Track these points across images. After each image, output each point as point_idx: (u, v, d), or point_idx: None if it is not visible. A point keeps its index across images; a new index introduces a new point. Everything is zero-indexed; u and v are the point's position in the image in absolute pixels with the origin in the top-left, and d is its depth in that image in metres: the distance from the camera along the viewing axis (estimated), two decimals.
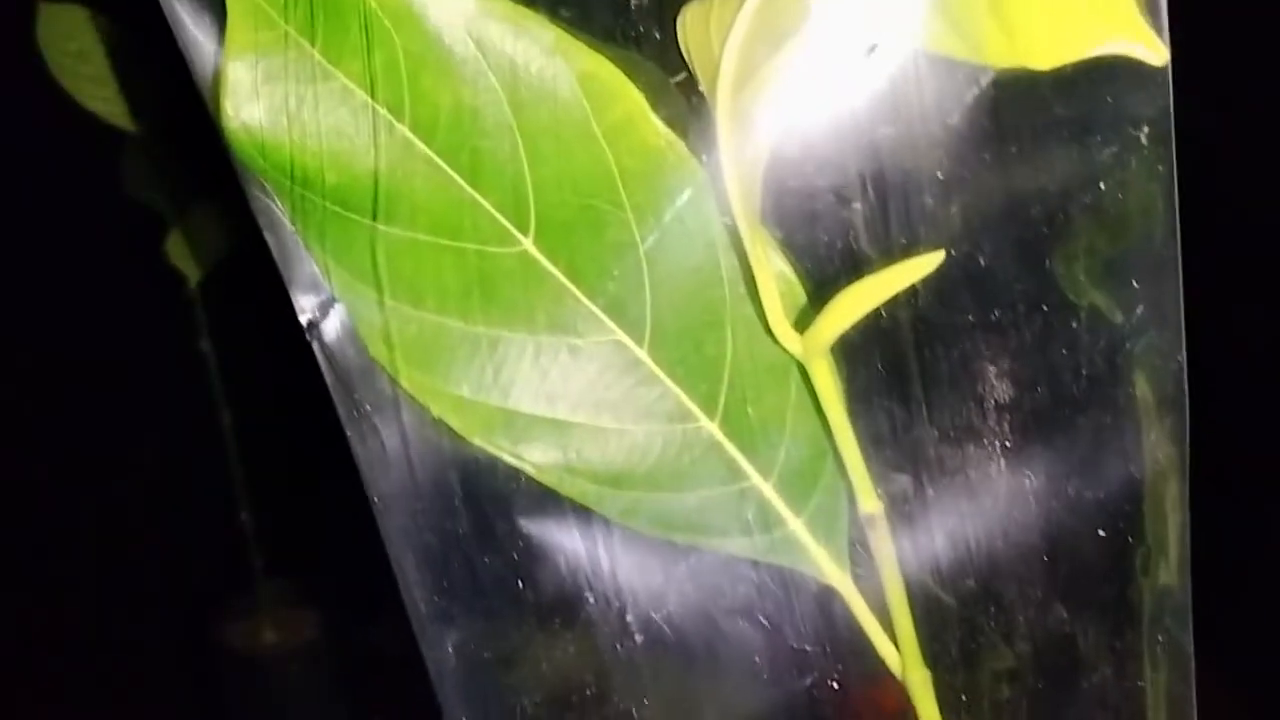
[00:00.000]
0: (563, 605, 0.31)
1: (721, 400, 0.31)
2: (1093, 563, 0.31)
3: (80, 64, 1.10)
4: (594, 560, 0.31)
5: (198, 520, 1.25)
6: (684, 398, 0.31)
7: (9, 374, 1.20)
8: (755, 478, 0.31)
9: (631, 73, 0.29)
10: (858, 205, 0.29)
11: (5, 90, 1.13)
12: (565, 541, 0.31)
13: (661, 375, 0.30)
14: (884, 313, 0.29)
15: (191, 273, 1.16)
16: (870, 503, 0.30)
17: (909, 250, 0.29)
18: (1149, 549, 0.31)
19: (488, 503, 0.31)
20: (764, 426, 0.31)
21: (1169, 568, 0.31)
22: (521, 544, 0.31)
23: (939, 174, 0.28)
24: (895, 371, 0.30)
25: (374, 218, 0.29)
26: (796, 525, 0.31)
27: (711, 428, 0.31)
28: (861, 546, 0.31)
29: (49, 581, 1.25)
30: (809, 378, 0.30)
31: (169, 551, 1.26)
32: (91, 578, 1.26)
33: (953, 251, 0.28)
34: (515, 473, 0.30)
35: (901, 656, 0.32)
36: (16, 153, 1.16)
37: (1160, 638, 0.32)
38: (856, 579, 0.31)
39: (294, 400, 1.31)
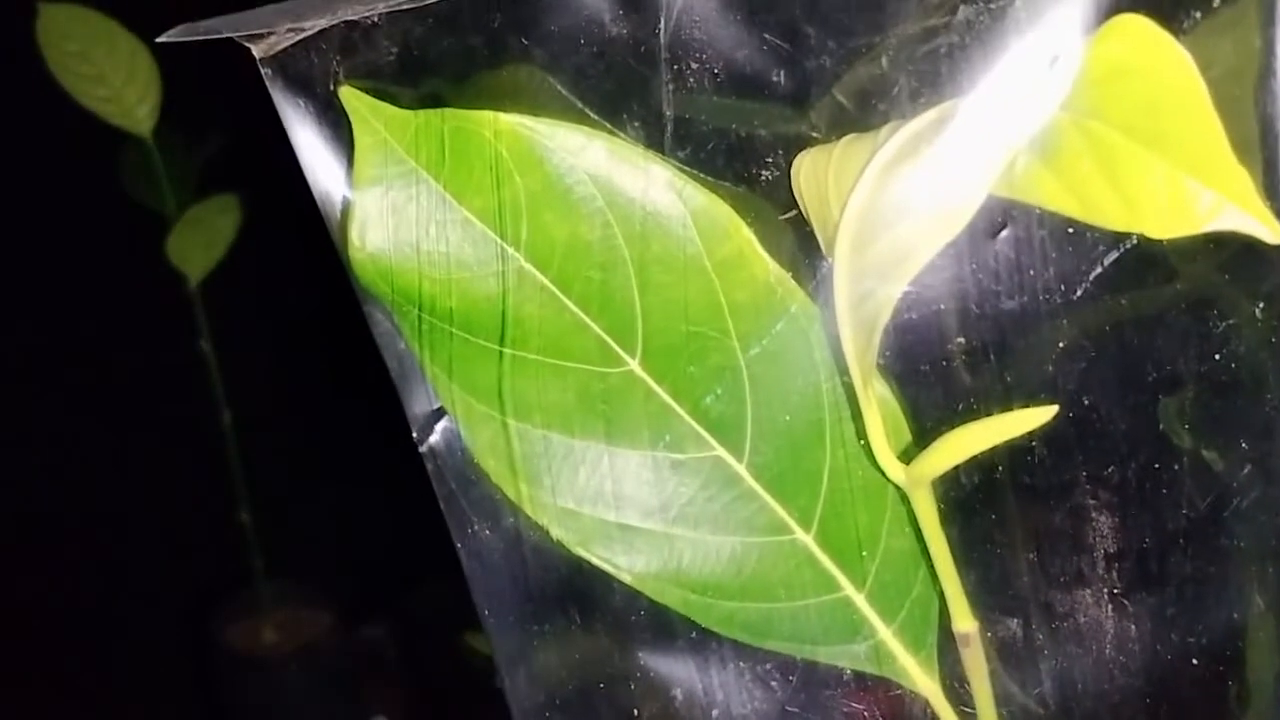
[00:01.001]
0: None
1: (818, 514, 0.31)
2: (1189, 700, 0.32)
3: (80, 64, 1.09)
4: (709, 694, 0.32)
5: (198, 520, 1.25)
6: (781, 511, 0.31)
7: (9, 373, 1.20)
8: (849, 589, 0.32)
9: (743, 209, 0.30)
10: (974, 365, 0.29)
11: (5, 90, 1.12)
12: (681, 672, 0.32)
13: (760, 490, 0.31)
14: (994, 457, 0.30)
15: (191, 273, 1.16)
16: (965, 622, 0.31)
17: (1022, 401, 0.29)
18: (1246, 686, 0.32)
19: (604, 625, 0.32)
20: (858, 541, 0.31)
21: (1264, 705, 0.32)
22: (638, 672, 0.32)
23: (1060, 344, 0.29)
24: (1003, 517, 0.31)
25: (501, 343, 0.30)
26: (887, 635, 0.32)
27: (807, 540, 0.31)
28: (958, 680, 0.32)
29: (49, 581, 1.25)
30: (904, 495, 0.31)
31: (169, 551, 1.27)
32: (92, 578, 1.26)
33: (1069, 410, 0.29)
34: (634, 596, 0.31)
35: None
36: (16, 153, 1.15)
37: None
38: (948, 691, 0.32)
39: (294, 400, 1.32)
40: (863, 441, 0.30)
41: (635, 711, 0.32)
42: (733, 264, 0.30)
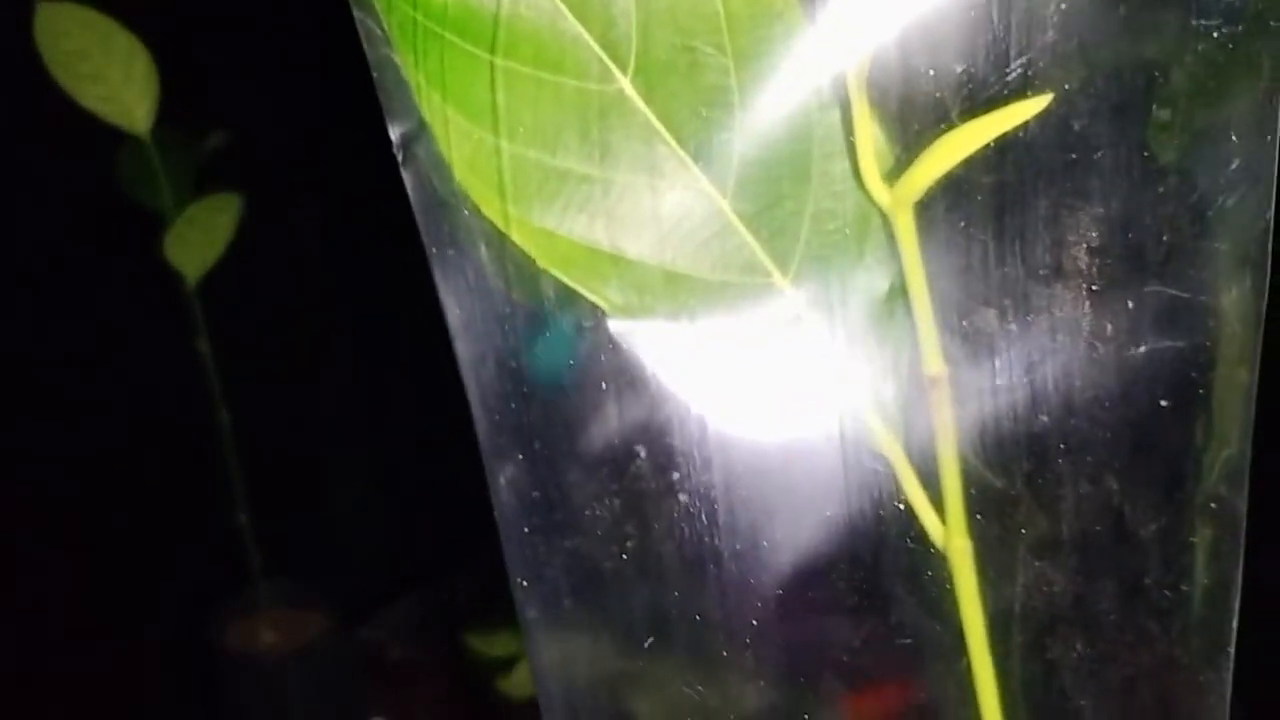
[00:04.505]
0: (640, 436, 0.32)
1: (796, 259, 0.31)
2: (1154, 423, 0.31)
3: (78, 63, 1.10)
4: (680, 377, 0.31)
5: (196, 520, 1.25)
6: (760, 252, 0.31)
7: (8, 374, 1.19)
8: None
9: None
10: (961, 57, 0.29)
11: (4, 90, 1.13)
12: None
13: (740, 228, 0.30)
14: (987, 159, 0.29)
15: (189, 272, 1.16)
16: (936, 364, 0.30)
17: (1011, 98, 0.28)
18: (1213, 411, 0.31)
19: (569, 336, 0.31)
20: (832, 289, 0.31)
21: (1231, 431, 0.31)
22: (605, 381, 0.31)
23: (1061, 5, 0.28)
24: (982, 215, 0.30)
25: (492, 50, 0.29)
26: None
27: (784, 285, 0.31)
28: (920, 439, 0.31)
29: (49, 581, 1.24)
30: (884, 240, 0.30)
31: (167, 551, 1.26)
32: (90, 577, 1.25)
33: (1057, 96, 0.28)
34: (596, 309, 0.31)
35: (945, 525, 0.32)
36: (14, 152, 1.16)
37: (1213, 504, 0.32)
38: (908, 443, 0.31)
39: (293, 400, 1.32)
40: (839, 151, 0.29)
41: (616, 401, 0.31)
42: None
